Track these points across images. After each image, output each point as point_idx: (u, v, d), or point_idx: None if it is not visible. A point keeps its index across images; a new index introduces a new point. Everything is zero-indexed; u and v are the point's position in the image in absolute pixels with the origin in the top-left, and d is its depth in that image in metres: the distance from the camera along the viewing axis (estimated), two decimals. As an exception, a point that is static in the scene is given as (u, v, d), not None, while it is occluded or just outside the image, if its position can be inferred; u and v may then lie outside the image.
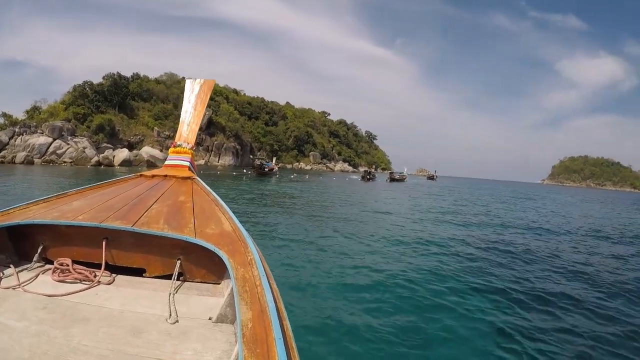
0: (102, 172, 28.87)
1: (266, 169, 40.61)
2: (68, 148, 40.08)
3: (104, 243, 2.24)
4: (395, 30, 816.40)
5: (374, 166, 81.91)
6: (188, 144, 5.01)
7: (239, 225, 2.44)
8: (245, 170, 40.86)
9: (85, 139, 42.95)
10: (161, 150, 62.53)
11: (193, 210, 2.77)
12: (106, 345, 1.47)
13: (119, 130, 64.05)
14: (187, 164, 4.75)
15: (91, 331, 1.57)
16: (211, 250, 2.06)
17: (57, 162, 38.51)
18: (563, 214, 21.35)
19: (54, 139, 40.44)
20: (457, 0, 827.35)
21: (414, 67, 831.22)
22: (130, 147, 56.22)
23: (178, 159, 4.80)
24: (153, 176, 4.28)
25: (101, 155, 37.56)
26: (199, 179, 4.22)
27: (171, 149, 4.99)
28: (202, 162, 67.00)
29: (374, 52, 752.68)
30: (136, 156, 41.57)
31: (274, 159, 66.79)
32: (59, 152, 39.69)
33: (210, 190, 3.57)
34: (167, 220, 2.41)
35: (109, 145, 48.19)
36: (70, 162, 38.32)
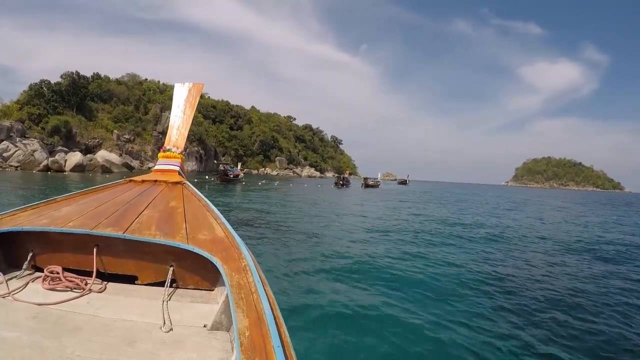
0: (50, 178, 26.98)
1: (231, 175, 37.71)
2: (16, 151, 38.11)
3: (94, 250, 2.20)
4: (360, 36, 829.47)
5: (347, 171, 77.41)
6: (178, 148, 5.01)
7: (232, 231, 2.41)
8: (207, 177, 39.08)
9: (36, 141, 41.22)
10: (120, 155, 61.06)
11: (185, 216, 2.76)
12: (100, 355, 1.45)
13: (76, 132, 61.78)
14: (177, 168, 4.76)
15: (84, 341, 1.54)
16: (204, 257, 2.04)
17: (1, 166, 36.56)
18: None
19: (1, 141, 38.60)
20: (420, 7, 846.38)
21: (378, 73, 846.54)
22: (88, 150, 54.21)
23: (168, 164, 4.80)
24: (143, 181, 4.26)
25: (50, 159, 35.43)
26: (189, 184, 4.19)
27: (161, 154, 4.96)
28: (163, 166, 65.48)
29: (338, 57, 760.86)
30: (90, 160, 39.88)
31: (239, 164, 65.16)
32: (5, 155, 37.81)
33: (202, 196, 3.56)
34: (159, 227, 2.40)
35: (65, 149, 46.33)
36: (17, 167, 36.46)
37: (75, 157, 38.57)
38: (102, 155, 44.76)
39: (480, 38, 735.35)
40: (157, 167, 4.80)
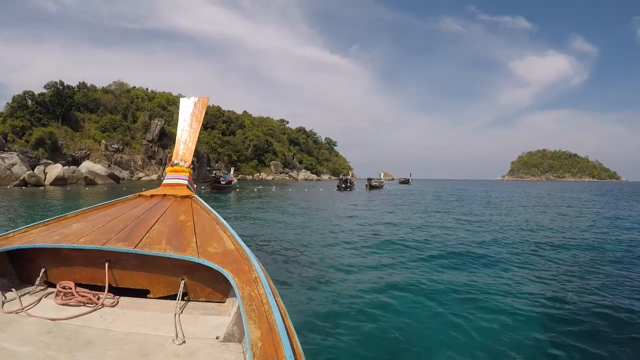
0: (24, 194, 24.99)
1: (223, 182, 34.42)
2: (-7, 165, 35.92)
3: (106, 265, 2.21)
4: (349, 38, 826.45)
5: (350, 172, 71.48)
6: (185, 162, 5.05)
7: (242, 243, 2.42)
8: (194, 186, 36.22)
9: (15, 154, 39.06)
10: (109, 166, 58.96)
11: (194, 230, 2.76)
12: None
13: (62, 144, 59.87)
14: (186, 182, 4.80)
15: (97, 355, 1.55)
16: (215, 269, 2.04)
17: (-25, 183, 34.19)
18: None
19: (-23, 156, 36.31)
20: (409, 6, 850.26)
21: (370, 72, 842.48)
22: (75, 162, 52.26)
23: (176, 178, 4.85)
24: (152, 196, 4.30)
25: (27, 172, 32.96)
26: (198, 197, 4.23)
27: (168, 168, 5.00)
28: (154, 176, 63.59)
29: (329, 59, 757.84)
30: (73, 173, 37.77)
31: (232, 169, 62.78)
32: (-21, 170, 35.37)
33: (210, 209, 3.59)
34: (169, 241, 2.41)
35: (49, 162, 44.26)
36: (-7, 182, 34.39)
37: (55, 170, 36.47)
38: (87, 166, 42.49)
39: (470, 35, 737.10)
40: (165, 181, 4.87)
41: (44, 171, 36.72)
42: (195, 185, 5.23)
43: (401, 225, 12.93)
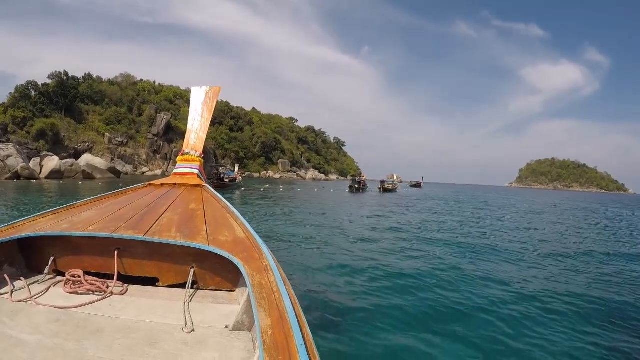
0: (13, 188, 22.97)
1: (227, 180, 32.38)
2: (-15, 157, 33.64)
3: (115, 253, 2.19)
4: (361, 39, 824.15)
5: (363, 175, 68.64)
6: (196, 151, 5.03)
7: (253, 231, 2.40)
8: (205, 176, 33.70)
9: (12, 145, 36.78)
10: (112, 159, 56.92)
11: (205, 218, 2.73)
12: (122, 357, 1.46)
13: (64, 136, 58.04)
14: (196, 171, 4.78)
15: (106, 343, 1.55)
16: (225, 258, 2.02)
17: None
18: None
19: (-29, 146, 34.04)
20: (422, 10, 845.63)
21: (380, 74, 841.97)
22: (78, 155, 50.10)
23: (187, 167, 4.83)
24: (162, 185, 4.30)
25: (20, 165, 30.72)
26: (208, 187, 4.24)
27: (179, 157, 5.00)
28: (158, 171, 61.40)
29: (340, 59, 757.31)
30: (71, 166, 35.53)
31: (237, 166, 59.85)
32: (-27, 161, 33.13)
33: (221, 198, 3.55)
34: (179, 229, 2.37)
35: (49, 154, 42.05)
36: (-16, 174, 32.08)
37: (52, 162, 34.21)
38: (86, 159, 40.17)
39: (482, 40, 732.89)
40: (176, 170, 4.84)
41: (40, 164, 34.48)
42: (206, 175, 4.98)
43: (456, 235, 10.39)
